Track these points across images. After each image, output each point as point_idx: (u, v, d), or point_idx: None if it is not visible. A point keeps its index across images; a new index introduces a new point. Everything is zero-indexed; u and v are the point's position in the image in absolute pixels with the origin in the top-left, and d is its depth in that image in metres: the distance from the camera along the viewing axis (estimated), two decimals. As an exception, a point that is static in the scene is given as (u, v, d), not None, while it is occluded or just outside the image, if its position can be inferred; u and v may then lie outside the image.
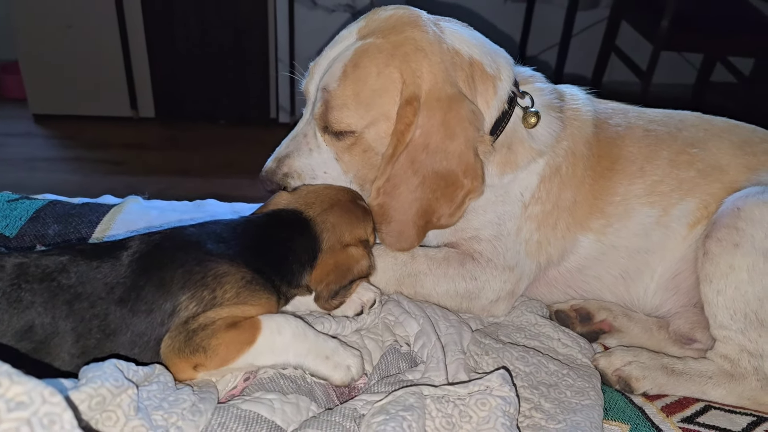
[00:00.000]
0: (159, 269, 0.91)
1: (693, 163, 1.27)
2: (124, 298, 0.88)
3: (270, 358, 0.92)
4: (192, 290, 0.90)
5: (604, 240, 1.27)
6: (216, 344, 0.88)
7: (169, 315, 0.89)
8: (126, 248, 0.94)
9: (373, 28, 1.18)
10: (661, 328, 1.27)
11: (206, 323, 0.88)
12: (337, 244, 1.07)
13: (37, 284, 0.87)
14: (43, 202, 1.43)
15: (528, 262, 1.26)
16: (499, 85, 1.22)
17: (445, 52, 1.16)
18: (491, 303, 1.24)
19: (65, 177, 3.46)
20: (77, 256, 0.91)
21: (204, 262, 0.93)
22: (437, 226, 1.20)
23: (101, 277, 0.89)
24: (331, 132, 1.19)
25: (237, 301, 0.92)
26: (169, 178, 3.45)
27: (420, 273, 1.21)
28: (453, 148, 1.13)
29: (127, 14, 3.58)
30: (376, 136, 1.17)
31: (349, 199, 1.14)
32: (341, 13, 3.63)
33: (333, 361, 0.95)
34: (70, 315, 0.86)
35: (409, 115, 1.12)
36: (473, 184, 1.15)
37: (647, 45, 3.65)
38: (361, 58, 1.14)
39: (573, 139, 1.27)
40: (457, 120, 1.13)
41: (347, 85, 1.14)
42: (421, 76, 1.13)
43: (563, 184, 1.26)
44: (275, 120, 4.00)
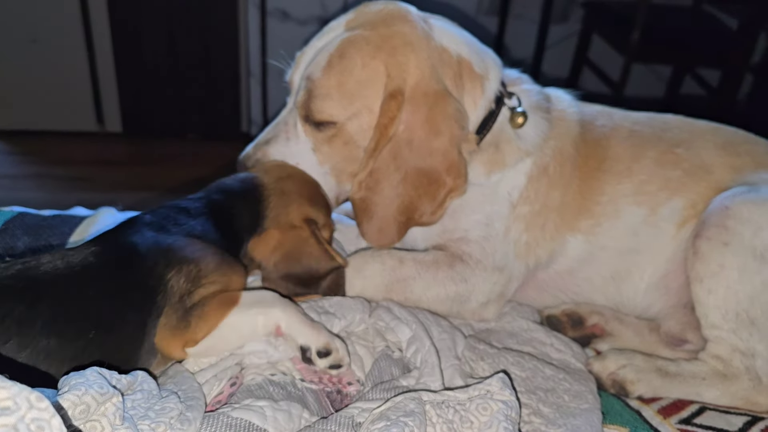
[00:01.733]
0: (139, 257, 0.89)
1: (679, 163, 1.27)
2: (114, 294, 0.86)
3: (256, 317, 0.91)
4: (176, 267, 0.89)
5: (593, 240, 1.26)
6: (207, 311, 0.88)
7: (161, 297, 0.88)
8: (91, 249, 0.90)
9: (362, 21, 1.16)
10: (652, 330, 1.26)
11: (200, 298, 0.88)
12: (283, 214, 1.04)
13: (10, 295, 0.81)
14: (12, 213, 1.36)
15: (517, 263, 1.24)
16: (486, 84, 1.20)
17: (433, 48, 1.14)
18: (481, 306, 1.21)
19: (29, 195, 3.35)
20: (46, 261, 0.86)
21: (177, 242, 0.92)
22: (419, 223, 1.18)
23: (80, 278, 0.85)
24: (312, 122, 1.16)
25: (220, 272, 0.92)
26: (137, 194, 3.36)
27: (409, 278, 1.18)
28: (437, 145, 1.11)
29: (94, 27, 3.50)
30: (358, 129, 1.15)
31: (310, 181, 1.13)
32: (314, 25, 3.60)
33: (318, 328, 0.94)
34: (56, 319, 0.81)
35: (392, 109, 1.10)
36: (456, 182, 1.13)
37: (618, 57, 3.71)
38: (347, 49, 1.12)
39: (560, 139, 1.26)
40: (442, 117, 1.11)
41: (332, 75, 1.12)
42: (407, 70, 1.11)
43: (551, 184, 1.24)
44: (246, 134, 3.94)
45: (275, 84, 3.76)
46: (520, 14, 4.32)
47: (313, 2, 3.58)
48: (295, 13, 3.60)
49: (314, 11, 3.60)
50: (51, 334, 0.81)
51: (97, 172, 3.58)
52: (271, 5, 3.56)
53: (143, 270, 0.88)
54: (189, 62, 3.70)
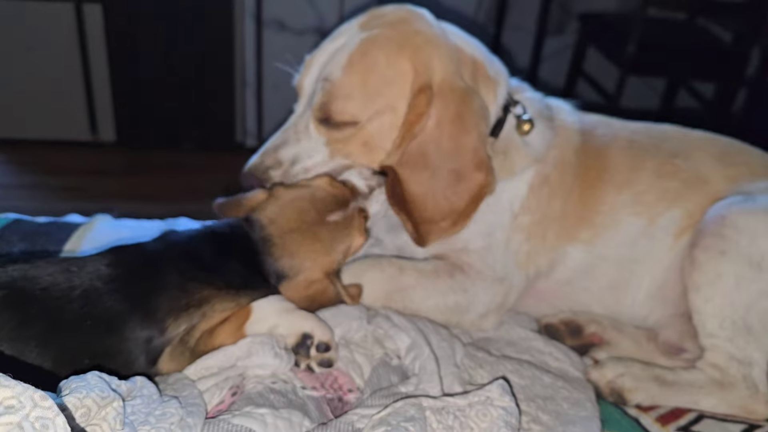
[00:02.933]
0: (142, 297, 0.89)
1: (677, 174, 1.28)
2: (111, 327, 0.85)
3: (268, 320, 0.95)
4: (177, 314, 0.89)
5: (592, 251, 1.26)
6: (220, 341, 0.92)
7: (158, 334, 0.88)
8: (98, 268, 0.90)
9: (378, 22, 1.16)
10: (650, 339, 1.26)
11: (202, 332, 0.91)
12: (299, 275, 1.03)
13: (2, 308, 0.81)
14: (6, 220, 1.36)
15: (517, 273, 1.24)
16: (498, 89, 1.21)
17: (451, 47, 1.15)
18: (481, 316, 1.21)
19: (21, 204, 3.32)
20: (46, 274, 0.86)
21: (185, 286, 0.92)
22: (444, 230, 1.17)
23: (80, 303, 0.85)
24: (330, 123, 1.14)
25: (223, 309, 0.93)
26: (131, 204, 3.34)
27: (408, 287, 1.18)
28: (466, 141, 1.11)
29: (89, 36, 3.49)
30: (379, 128, 1.13)
31: (315, 220, 1.05)
32: (310, 35, 3.61)
33: (317, 320, 0.97)
34: (51, 342, 0.81)
35: (422, 105, 1.09)
36: (487, 178, 1.12)
37: (613, 69, 3.74)
38: (369, 47, 1.11)
39: (562, 148, 1.26)
40: (470, 113, 1.11)
41: (353, 74, 1.11)
42: (432, 67, 1.11)
43: (552, 194, 1.24)
44: (241, 144, 3.94)
45: (270, 94, 3.77)
46: (516, 25, 4.36)
47: (309, 12, 3.59)
48: (292, 23, 3.61)
49: (310, 22, 3.61)
50: (46, 356, 0.80)
51: (91, 181, 3.56)
52: (268, 15, 3.57)
53: (144, 311, 0.88)
54: (184, 72, 3.69)
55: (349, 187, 1.12)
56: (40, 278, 0.85)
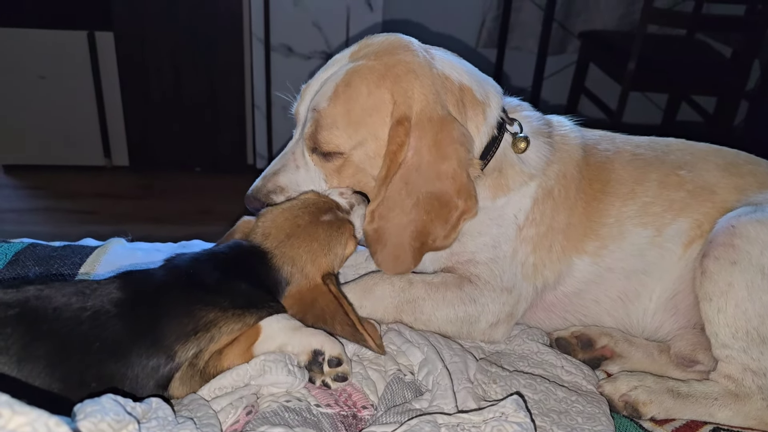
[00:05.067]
0: (150, 322, 0.90)
1: (682, 185, 1.28)
2: (118, 351, 0.86)
3: (277, 339, 0.96)
4: (185, 339, 0.90)
5: (599, 262, 1.27)
6: (230, 362, 0.94)
7: (166, 364, 0.89)
8: (109, 292, 0.91)
9: (366, 52, 1.19)
10: (662, 352, 1.26)
11: (212, 354, 0.92)
12: (302, 278, 1.05)
13: (12, 327, 0.82)
14: (22, 245, 1.37)
15: (525, 285, 1.24)
16: (488, 111, 1.23)
17: (435, 75, 1.17)
18: (491, 326, 1.21)
19: (35, 229, 3.37)
20: (60, 295, 0.88)
21: (192, 311, 0.93)
22: (433, 248, 1.18)
23: (90, 325, 0.86)
24: (319, 153, 1.18)
25: (230, 331, 0.94)
26: (144, 227, 3.38)
27: (418, 299, 1.19)
28: (445, 168, 1.13)
29: (101, 63, 3.56)
30: (364, 157, 1.17)
31: (309, 222, 1.09)
32: (317, 59, 3.66)
33: (325, 336, 0.98)
34: (60, 362, 0.82)
35: (400, 135, 1.12)
36: (467, 204, 1.14)
37: (615, 86, 3.75)
38: (352, 78, 1.15)
39: (563, 162, 1.28)
40: (448, 140, 1.13)
41: (338, 104, 1.14)
42: (412, 96, 1.14)
43: (556, 207, 1.25)
44: (252, 167, 3.97)
45: (280, 117, 3.81)
46: (517, 47, 4.39)
47: (316, 38, 3.64)
48: (299, 48, 3.66)
49: (318, 46, 3.66)
50: (54, 376, 0.81)
51: (104, 205, 3.60)
52: (276, 41, 3.62)
53: (152, 337, 0.89)
54: (195, 96, 3.75)
55: (334, 201, 1.16)
56: (53, 298, 0.87)
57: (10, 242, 1.40)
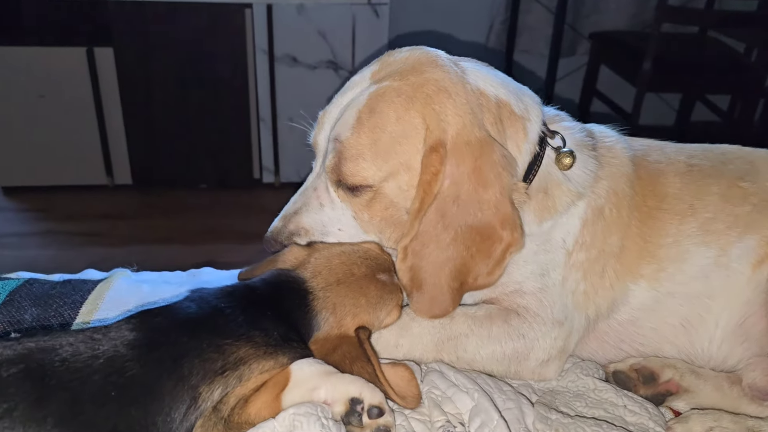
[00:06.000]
0: (172, 361, 0.79)
1: (746, 197, 1.16)
2: (138, 397, 0.75)
3: (309, 383, 0.85)
4: (212, 378, 0.80)
5: (658, 287, 1.14)
6: (256, 410, 0.83)
7: (191, 408, 0.78)
8: (123, 334, 0.81)
9: (388, 71, 1.07)
10: (733, 384, 1.13)
11: (238, 400, 0.82)
12: (334, 328, 0.95)
13: (16, 386, 0.71)
14: (18, 282, 1.25)
15: (576, 315, 1.12)
16: (528, 126, 1.11)
17: (470, 92, 1.05)
18: (542, 364, 1.09)
19: (38, 253, 3.26)
20: (66, 344, 0.77)
21: (220, 347, 0.83)
22: (474, 287, 1.06)
23: (104, 373, 0.75)
24: (345, 187, 1.06)
25: (261, 370, 0.84)
26: (150, 247, 3.27)
27: (461, 335, 1.06)
28: (487, 197, 1.01)
29: (101, 80, 3.45)
30: (396, 190, 1.04)
31: (365, 274, 1.00)
32: (323, 69, 3.55)
33: (363, 382, 0.86)
34: (71, 420, 0.71)
35: (435, 164, 0.99)
36: (513, 236, 1.02)
37: (627, 87, 3.64)
38: (377, 103, 1.02)
39: (613, 178, 1.16)
40: (489, 166, 1.00)
41: (363, 133, 1.02)
42: (446, 119, 1.01)
43: (608, 228, 1.13)
44: (259, 181, 3.86)
45: (285, 130, 3.70)
46: (526, 50, 4.30)
47: (321, 47, 3.53)
48: (304, 58, 3.55)
49: (323, 56, 3.55)
50: None
51: (108, 226, 3.49)
52: (279, 51, 3.51)
53: (176, 377, 0.78)
54: (198, 110, 3.63)
55: (392, 261, 1.06)
56: (60, 348, 0.76)
57: (6, 278, 1.28)
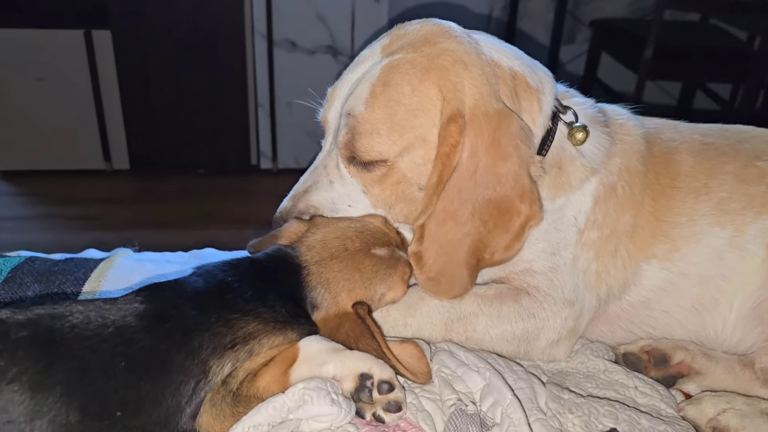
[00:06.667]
0: (182, 334, 0.78)
1: (762, 177, 1.14)
2: (149, 368, 0.74)
3: (317, 359, 0.84)
4: (221, 352, 0.79)
5: (671, 267, 1.12)
6: (265, 384, 0.82)
7: (201, 382, 0.77)
8: (132, 306, 0.79)
9: (401, 44, 1.04)
10: (745, 367, 1.11)
11: (247, 374, 0.81)
12: (332, 306, 0.93)
13: (25, 350, 0.70)
14: (19, 259, 1.23)
15: (587, 295, 1.10)
16: (543, 99, 1.08)
17: (485, 63, 1.02)
18: (552, 344, 1.07)
19: (36, 236, 3.23)
20: (77, 312, 0.76)
21: (230, 321, 0.82)
22: (491, 263, 1.04)
23: (114, 342, 0.73)
24: (358, 163, 1.03)
25: (270, 345, 0.83)
26: (147, 232, 3.24)
27: (470, 314, 1.05)
28: (506, 170, 0.98)
29: (99, 63, 3.42)
30: (411, 164, 1.02)
31: (359, 249, 0.98)
32: (322, 54, 3.51)
33: (372, 358, 0.85)
34: (79, 389, 0.70)
35: (454, 135, 0.97)
36: (532, 209, 0.99)
37: (628, 74, 3.61)
38: (391, 76, 1.00)
39: (626, 154, 1.13)
40: (508, 138, 0.98)
41: (377, 107, 0.99)
42: (462, 90, 0.98)
43: (621, 206, 1.11)
44: (256, 167, 3.84)
45: (284, 115, 3.67)
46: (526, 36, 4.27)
47: (320, 31, 3.50)
48: (303, 42, 3.51)
49: (322, 40, 3.51)
50: (71, 405, 0.70)
51: (106, 210, 3.47)
52: (278, 35, 3.48)
53: (186, 350, 0.77)
54: (196, 95, 3.60)
55: (401, 236, 1.04)
56: (69, 316, 0.75)
57: (7, 256, 1.25)
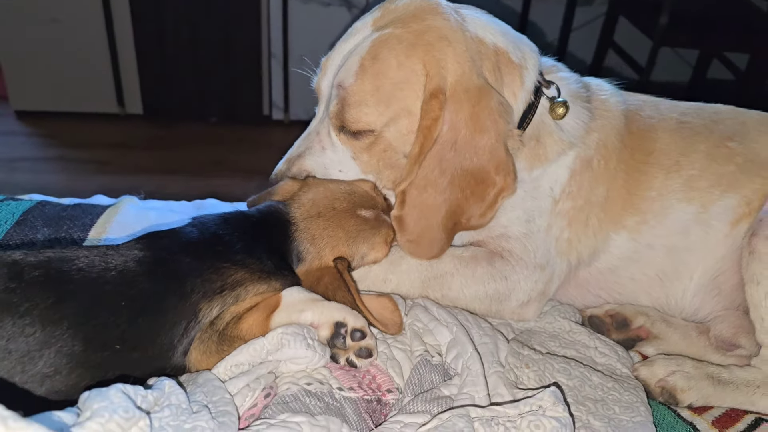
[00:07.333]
0: (177, 279, 0.86)
1: (732, 157, 1.19)
2: (146, 308, 0.83)
3: (297, 306, 0.91)
4: (211, 296, 0.87)
5: (638, 238, 1.19)
6: (248, 327, 0.89)
7: (192, 322, 0.86)
8: (133, 252, 0.88)
9: (390, 18, 1.09)
10: (701, 333, 1.19)
11: (232, 316, 0.88)
12: (315, 259, 1.01)
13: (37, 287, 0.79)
14: (31, 203, 1.31)
15: (558, 261, 1.17)
16: (525, 74, 1.13)
17: (469, 40, 1.07)
18: (522, 305, 1.15)
19: (49, 178, 3.33)
20: (83, 256, 0.84)
21: (219, 269, 0.90)
22: (467, 227, 1.11)
23: (115, 284, 0.82)
24: (348, 132, 1.10)
25: (256, 292, 0.91)
26: (158, 178, 3.33)
27: (446, 274, 1.12)
28: (483, 143, 1.04)
29: (114, 7, 3.44)
30: (397, 134, 1.08)
31: (345, 209, 1.05)
32: (336, 6, 3.52)
33: (347, 309, 0.93)
34: (84, 323, 0.79)
35: (435, 109, 1.03)
36: (506, 180, 1.06)
37: (645, 40, 3.59)
38: (379, 50, 1.05)
39: (604, 130, 1.19)
40: (486, 113, 1.04)
41: (365, 79, 1.05)
42: (445, 66, 1.04)
43: (595, 179, 1.17)
44: (268, 117, 3.89)
45: (297, 67, 3.69)
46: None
47: (336, -18, 3.51)
48: (318, -6, 3.52)
49: (336, -8, 3.52)
50: (77, 337, 0.78)
51: (117, 155, 3.54)
52: (294, -15, 3.49)
53: (179, 293, 0.86)
54: (210, 44, 3.64)
55: (388, 202, 1.11)
56: (76, 259, 0.84)
57: (19, 200, 1.34)
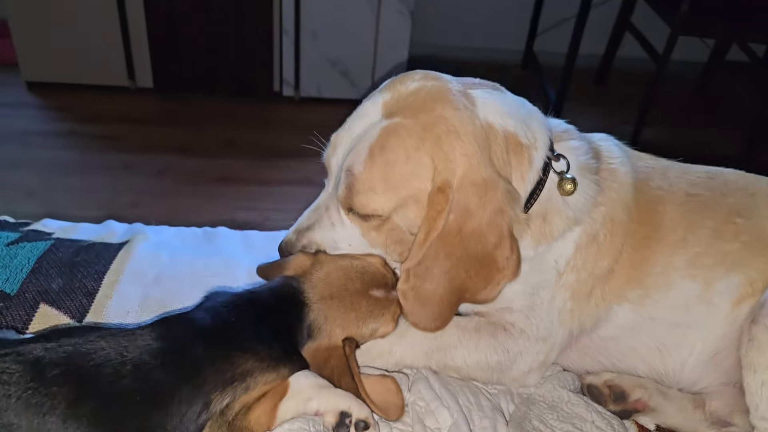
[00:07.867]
0: (191, 370, 0.90)
1: (738, 235, 1.20)
2: (160, 402, 0.87)
3: (304, 394, 0.96)
4: (222, 387, 0.91)
5: (641, 311, 1.21)
6: (256, 417, 0.93)
7: (203, 412, 0.89)
8: (148, 343, 0.91)
9: (400, 105, 1.08)
10: (697, 407, 1.22)
11: (242, 406, 0.92)
12: (325, 339, 1.04)
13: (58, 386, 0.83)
14: (45, 245, 1.34)
15: (561, 331, 1.20)
16: (534, 154, 1.13)
17: (478, 128, 1.07)
18: (523, 374, 1.19)
19: (60, 153, 3.35)
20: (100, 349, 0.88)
21: (230, 357, 0.93)
22: (471, 301, 1.13)
23: (132, 378, 0.87)
24: (356, 213, 1.12)
25: (265, 381, 0.94)
26: (168, 157, 3.33)
27: (450, 346, 1.15)
28: (489, 232, 1.06)
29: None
30: (404, 218, 1.10)
31: (358, 290, 1.08)
32: (350, -16, 3.46)
33: (353, 397, 0.97)
34: (103, 421, 0.84)
35: (441, 202, 1.04)
36: (510, 268, 1.07)
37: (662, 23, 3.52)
38: (388, 140, 1.06)
39: (611, 204, 1.19)
40: (493, 204, 1.05)
41: (374, 168, 1.06)
42: (454, 160, 1.04)
43: (600, 253, 1.18)
44: (279, 93, 3.86)
45: (309, 43, 3.65)
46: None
47: (350, -42, 3.43)
48: (331, -30, 3.45)
49: (350, -32, 3.45)
50: None
51: (128, 130, 3.55)
52: (306, -38, 3.41)
53: (193, 384, 0.89)
54: (221, 19, 3.59)
55: (396, 277, 1.13)
56: (94, 354, 0.87)
57: (34, 241, 1.36)
